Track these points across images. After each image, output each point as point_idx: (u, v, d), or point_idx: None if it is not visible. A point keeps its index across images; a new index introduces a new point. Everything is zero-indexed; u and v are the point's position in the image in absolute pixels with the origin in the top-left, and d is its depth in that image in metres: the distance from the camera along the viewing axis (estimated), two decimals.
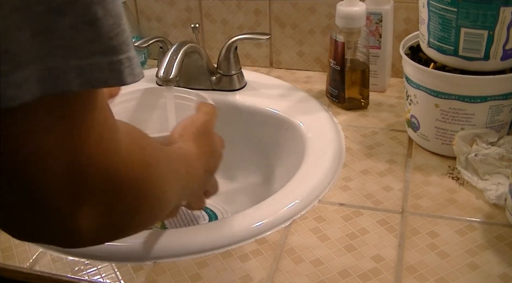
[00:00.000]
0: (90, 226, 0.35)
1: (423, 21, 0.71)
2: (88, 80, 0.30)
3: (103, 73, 0.31)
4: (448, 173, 0.71)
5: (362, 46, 0.83)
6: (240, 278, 0.57)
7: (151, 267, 0.59)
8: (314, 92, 0.91)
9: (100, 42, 0.30)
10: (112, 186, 0.35)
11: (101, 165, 0.34)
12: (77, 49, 0.30)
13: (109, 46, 0.31)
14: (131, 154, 0.37)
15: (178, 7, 1.01)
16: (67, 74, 0.30)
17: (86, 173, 0.33)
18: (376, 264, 0.58)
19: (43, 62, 0.29)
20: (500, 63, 0.68)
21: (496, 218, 0.63)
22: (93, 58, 0.30)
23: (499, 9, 0.63)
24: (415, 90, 0.73)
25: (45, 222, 0.34)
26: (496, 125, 0.70)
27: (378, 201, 0.67)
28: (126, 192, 0.37)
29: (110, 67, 0.31)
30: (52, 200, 0.33)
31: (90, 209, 0.34)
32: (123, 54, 0.32)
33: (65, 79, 0.30)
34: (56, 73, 0.29)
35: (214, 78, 0.91)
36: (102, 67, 0.31)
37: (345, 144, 0.78)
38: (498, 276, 0.55)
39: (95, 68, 0.31)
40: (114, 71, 0.31)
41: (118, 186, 0.36)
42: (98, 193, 0.34)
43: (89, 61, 0.30)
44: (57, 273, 0.59)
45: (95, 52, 0.30)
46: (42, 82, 0.29)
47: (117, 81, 0.32)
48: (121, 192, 0.36)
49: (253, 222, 0.63)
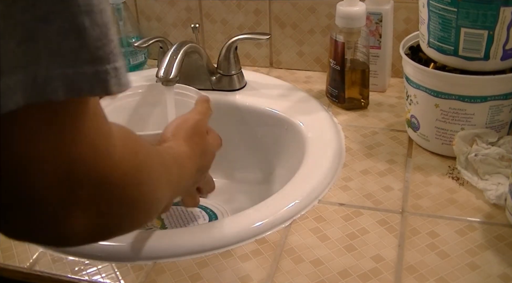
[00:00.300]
0: (81, 228, 0.35)
1: (423, 21, 0.71)
2: (74, 88, 0.31)
3: (89, 82, 0.31)
4: (448, 173, 0.71)
5: (362, 46, 0.83)
6: (240, 278, 0.57)
7: (151, 267, 0.59)
8: (314, 92, 0.91)
9: (86, 51, 0.31)
10: (104, 191, 0.36)
11: (94, 171, 0.34)
12: (63, 57, 0.30)
13: (95, 55, 0.31)
14: (124, 159, 0.37)
15: (178, 7, 1.01)
16: (52, 82, 0.30)
17: (78, 178, 0.34)
18: (376, 264, 0.58)
19: (28, 70, 0.29)
20: (500, 63, 0.68)
21: (496, 218, 0.63)
22: (79, 67, 0.31)
23: (499, 9, 0.63)
24: (415, 90, 0.73)
25: (37, 224, 0.34)
26: (496, 125, 0.70)
27: (378, 201, 0.67)
28: (118, 196, 0.37)
29: (96, 76, 0.31)
30: (44, 204, 0.33)
31: (82, 212, 0.35)
32: (110, 64, 0.32)
33: (50, 88, 0.30)
34: (41, 81, 0.29)
35: (214, 78, 0.91)
36: (88, 77, 0.31)
37: (345, 144, 0.78)
38: (498, 276, 0.55)
39: (81, 77, 0.31)
40: (100, 80, 0.31)
41: (110, 191, 0.36)
42: (91, 197, 0.35)
43: (75, 70, 0.30)
44: (57, 273, 0.59)
45: (81, 61, 0.31)
46: (26, 90, 0.29)
47: (102, 91, 0.32)
48: (113, 196, 0.37)
49: (253, 222, 0.63)
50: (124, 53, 0.98)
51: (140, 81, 0.94)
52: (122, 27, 0.96)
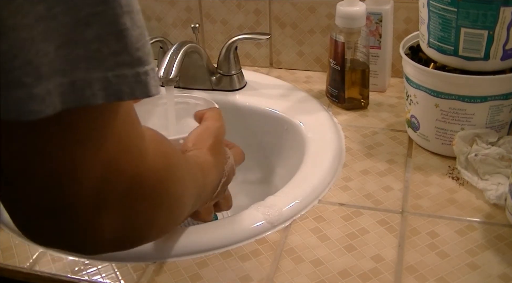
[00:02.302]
0: (112, 232, 0.35)
1: (423, 21, 0.71)
2: (114, 92, 0.30)
3: (130, 85, 0.30)
4: (448, 173, 0.71)
5: (362, 46, 0.83)
6: (240, 278, 0.57)
7: (151, 267, 0.59)
8: (314, 92, 0.91)
9: (126, 53, 0.30)
10: (137, 192, 0.35)
11: (129, 173, 0.34)
12: (103, 61, 0.29)
13: (135, 57, 0.30)
14: (156, 160, 0.37)
15: (178, 7, 1.01)
16: (91, 86, 0.29)
17: (114, 181, 0.33)
18: (376, 264, 0.58)
19: (67, 74, 0.28)
20: (500, 63, 0.68)
21: (496, 218, 0.63)
22: (119, 70, 0.30)
23: (499, 9, 0.63)
24: (415, 90, 0.73)
25: (69, 229, 0.34)
26: (496, 125, 0.70)
27: (378, 201, 0.67)
28: (148, 198, 0.37)
29: (137, 78, 0.31)
30: (78, 208, 0.33)
31: (112, 216, 0.34)
32: (149, 65, 0.31)
33: (89, 92, 0.29)
34: (80, 86, 0.29)
35: (214, 78, 0.91)
36: (129, 79, 0.30)
37: (345, 144, 0.78)
38: (498, 276, 0.55)
39: (121, 80, 0.30)
40: (140, 83, 0.31)
41: (141, 193, 0.36)
42: (124, 199, 0.35)
43: (115, 73, 0.30)
44: (57, 273, 0.59)
45: (121, 64, 0.30)
46: (65, 95, 0.28)
47: (143, 93, 0.31)
48: (144, 198, 0.36)
49: (253, 222, 0.63)
50: None
51: None
52: None
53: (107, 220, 0.34)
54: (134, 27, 0.30)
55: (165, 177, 0.39)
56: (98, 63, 0.29)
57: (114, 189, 0.34)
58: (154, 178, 0.37)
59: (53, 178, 0.31)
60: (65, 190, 0.32)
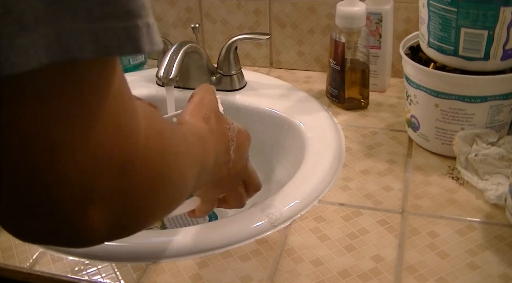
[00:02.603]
0: (103, 222, 0.32)
1: (423, 21, 0.71)
2: (102, 46, 0.28)
3: (118, 39, 0.28)
4: (448, 173, 0.71)
5: (362, 46, 0.83)
6: (240, 278, 0.57)
7: (151, 267, 0.59)
8: (314, 92, 0.91)
9: (114, 4, 0.28)
10: (127, 177, 0.32)
11: (117, 155, 0.31)
12: (90, 11, 0.27)
13: (125, 9, 0.28)
14: (149, 141, 0.34)
15: (178, 7, 1.01)
16: (78, 38, 0.27)
17: (101, 166, 0.30)
18: (376, 264, 0.58)
19: (52, 24, 0.26)
20: (500, 63, 0.68)
21: (496, 218, 0.63)
22: (108, 21, 0.27)
23: (499, 9, 0.63)
24: (415, 90, 0.73)
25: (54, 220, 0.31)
26: (496, 125, 0.70)
27: (378, 201, 0.67)
28: (142, 180, 0.34)
29: (126, 32, 0.28)
30: (63, 196, 0.30)
31: (104, 204, 0.32)
32: (141, 19, 0.29)
33: (76, 44, 0.27)
34: (66, 37, 0.27)
35: (214, 78, 0.91)
36: (117, 33, 0.28)
37: (345, 144, 0.78)
38: (498, 276, 0.55)
39: (109, 33, 0.28)
40: (130, 37, 0.28)
41: (134, 176, 0.33)
42: (112, 185, 0.31)
43: (103, 25, 0.27)
44: (57, 273, 0.59)
45: (110, 15, 0.28)
46: (50, 47, 0.26)
47: (133, 49, 0.29)
48: (137, 181, 0.33)
49: (253, 222, 0.63)
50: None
51: (140, 81, 0.94)
52: None
53: (97, 214, 0.31)
54: None
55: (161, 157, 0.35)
56: (85, 13, 0.27)
57: (101, 174, 0.30)
58: (148, 158, 0.34)
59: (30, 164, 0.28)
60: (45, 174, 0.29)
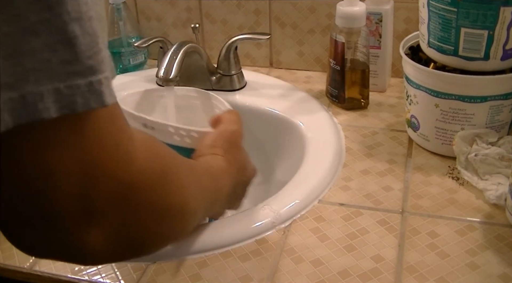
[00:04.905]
0: (104, 243, 0.33)
1: (423, 21, 0.71)
2: (67, 104, 0.28)
3: (83, 95, 0.29)
4: (448, 173, 0.71)
5: (362, 46, 0.83)
6: (240, 278, 0.57)
7: (151, 267, 0.59)
8: (314, 92, 0.91)
9: (77, 62, 0.29)
10: (126, 200, 0.33)
11: (116, 177, 0.32)
12: (53, 71, 0.28)
13: (87, 66, 0.29)
14: (148, 165, 0.35)
15: (178, 7, 1.01)
16: (43, 100, 0.28)
17: (100, 186, 0.31)
18: (376, 264, 0.58)
19: (16, 88, 0.27)
20: (500, 63, 0.68)
21: (496, 218, 0.63)
22: (71, 80, 0.28)
23: (499, 9, 0.63)
24: (415, 90, 0.73)
25: (55, 238, 0.32)
26: (496, 125, 0.70)
27: (378, 201, 0.67)
28: (143, 205, 0.34)
29: (90, 88, 0.29)
30: (63, 216, 0.31)
31: (104, 223, 0.32)
32: (102, 73, 0.30)
33: (41, 106, 0.28)
34: (31, 99, 0.27)
35: (214, 78, 0.91)
36: (82, 89, 0.29)
37: (345, 144, 0.78)
38: (498, 276, 0.55)
39: (74, 90, 0.28)
40: (95, 92, 0.29)
41: (133, 199, 0.33)
42: (113, 207, 0.32)
43: (67, 84, 0.28)
44: (57, 273, 0.59)
45: (73, 74, 0.28)
46: (16, 111, 0.27)
47: (98, 103, 0.30)
48: (137, 205, 0.34)
49: (253, 222, 0.63)
50: (124, 53, 0.97)
51: (140, 81, 0.94)
52: (122, 27, 0.96)
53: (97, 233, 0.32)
54: (85, 35, 0.29)
55: (160, 182, 0.36)
56: (48, 74, 0.28)
57: (101, 196, 0.31)
58: (147, 182, 0.34)
59: (30, 184, 0.30)
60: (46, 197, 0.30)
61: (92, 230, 0.32)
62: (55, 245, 0.33)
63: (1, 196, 0.30)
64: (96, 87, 0.29)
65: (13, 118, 0.27)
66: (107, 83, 0.30)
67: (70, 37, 0.28)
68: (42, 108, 0.28)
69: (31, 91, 0.27)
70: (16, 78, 0.27)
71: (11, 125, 0.27)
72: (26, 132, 0.29)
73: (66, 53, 0.28)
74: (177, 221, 0.39)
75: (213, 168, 0.52)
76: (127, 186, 0.33)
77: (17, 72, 0.27)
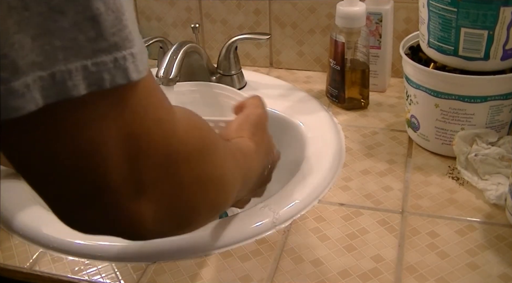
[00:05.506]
0: (155, 214, 0.34)
1: (423, 21, 0.71)
2: (95, 81, 0.29)
3: (109, 72, 0.30)
4: (448, 173, 0.71)
5: (362, 46, 0.83)
6: (240, 278, 0.57)
7: (151, 267, 0.59)
8: (314, 92, 0.91)
9: (102, 39, 0.29)
10: (172, 169, 0.34)
11: (160, 147, 0.33)
12: (80, 49, 0.28)
13: (112, 42, 0.30)
14: (189, 133, 0.36)
15: (178, 7, 1.01)
16: (72, 77, 0.28)
17: (145, 156, 0.32)
18: (376, 264, 0.58)
19: (46, 67, 0.28)
20: (500, 63, 0.68)
21: (496, 218, 0.63)
22: (97, 57, 0.29)
23: (499, 9, 0.63)
24: (415, 90, 0.73)
25: (107, 213, 0.33)
26: (496, 125, 0.70)
27: (378, 201, 0.67)
28: (187, 174, 0.35)
29: (115, 64, 0.30)
30: (113, 189, 0.32)
31: (153, 195, 0.33)
32: (126, 50, 0.30)
33: (71, 84, 0.28)
34: (61, 78, 0.28)
35: (214, 78, 0.91)
36: (108, 66, 0.30)
37: (345, 144, 0.78)
38: (498, 276, 0.55)
39: (100, 67, 0.29)
40: (120, 68, 0.30)
41: (179, 169, 0.34)
42: (159, 178, 0.33)
43: (94, 61, 0.29)
44: (57, 273, 0.59)
45: (99, 51, 0.29)
46: (46, 89, 0.28)
47: (124, 79, 0.30)
48: (183, 175, 0.35)
49: (253, 222, 0.63)
50: None
51: None
52: None
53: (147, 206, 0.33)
54: (109, 12, 0.29)
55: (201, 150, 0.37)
56: (76, 52, 0.28)
57: (147, 167, 0.32)
58: (190, 151, 0.35)
59: (77, 161, 0.30)
60: (94, 172, 0.31)
61: (143, 202, 0.33)
62: (106, 219, 0.33)
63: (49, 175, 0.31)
64: (121, 63, 0.30)
65: (43, 97, 0.28)
66: (132, 59, 0.31)
67: (95, 14, 0.29)
68: (71, 86, 0.28)
69: (60, 69, 0.28)
70: (44, 57, 0.28)
71: (41, 104, 0.28)
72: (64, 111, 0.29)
73: (92, 31, 0.29)
74: (219, 191, 0.40)
75: (243, 148, 0.52)
76: (171, 157, 0.34)
77: (46, 51, 0.28)
